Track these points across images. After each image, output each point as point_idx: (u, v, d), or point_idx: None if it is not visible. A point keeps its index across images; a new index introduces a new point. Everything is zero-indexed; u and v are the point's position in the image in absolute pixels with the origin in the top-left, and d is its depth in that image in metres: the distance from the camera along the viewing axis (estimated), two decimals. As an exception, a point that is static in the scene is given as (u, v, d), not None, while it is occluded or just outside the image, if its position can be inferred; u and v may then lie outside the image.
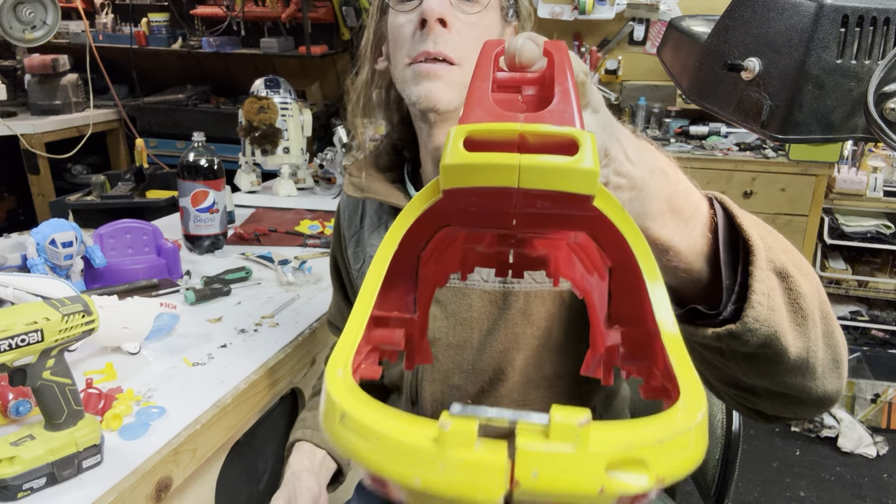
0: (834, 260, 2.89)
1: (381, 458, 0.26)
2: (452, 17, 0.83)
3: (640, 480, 0.25)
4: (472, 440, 0.25)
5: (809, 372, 0.58)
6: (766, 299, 0.51)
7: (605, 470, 0.24)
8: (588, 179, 0.32)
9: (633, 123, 3.15)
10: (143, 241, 1.42)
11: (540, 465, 0.24)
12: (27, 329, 0.75)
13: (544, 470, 0.24)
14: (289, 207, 2.00)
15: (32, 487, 0.78)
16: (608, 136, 0.45)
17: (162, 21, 3.57)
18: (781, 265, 0.53)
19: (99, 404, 0.93)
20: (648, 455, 0.25)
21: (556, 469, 0.24)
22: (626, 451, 0.25)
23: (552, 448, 0.24)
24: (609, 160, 0.45)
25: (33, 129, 2.99)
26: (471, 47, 0.84)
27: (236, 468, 1.19)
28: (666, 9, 3.12)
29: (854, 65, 0.49)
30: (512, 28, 0.93)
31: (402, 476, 0.25)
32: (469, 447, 0.25)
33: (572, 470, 0.24)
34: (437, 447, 0.25)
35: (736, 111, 0.55)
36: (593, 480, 0.24)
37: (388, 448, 0.25)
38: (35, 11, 2.18)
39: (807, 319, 0.55)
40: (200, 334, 1.18)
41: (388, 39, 0.89)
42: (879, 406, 2.75)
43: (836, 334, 0.59)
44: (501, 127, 0.33)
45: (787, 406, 0.63)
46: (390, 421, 0.26)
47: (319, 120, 3.03)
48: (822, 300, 0.58)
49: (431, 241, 0.40)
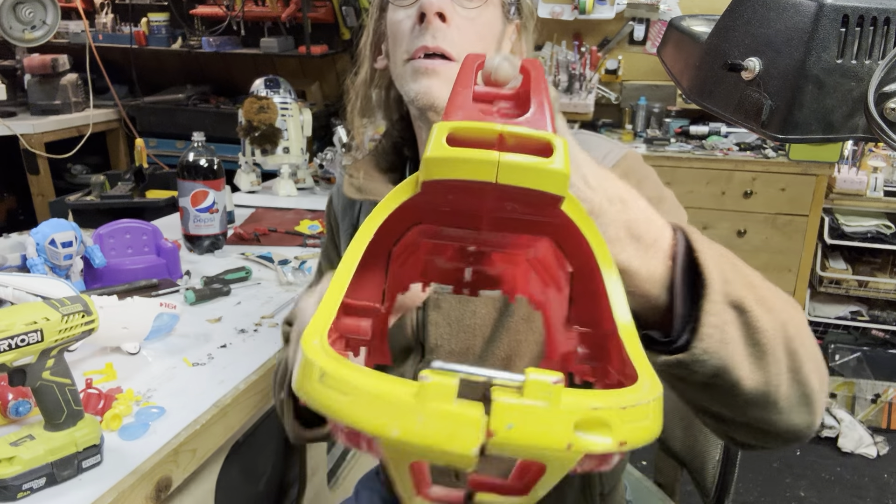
0: (834, 260, 2.89)
1: (361, 412, 0.26)
2: (452, 11, 0.82)
3: (604, 441, 0.26)
4: (451, 394, 0.26)
5: (771, 406, 0.58)
6: (717, 332, 0.52)
7: (574, 429, 0.26)
8: (560, 180, 0.34)
9: (633, 123, 3.15)
10: (143, 241, 1.42)
11: (514, 419, 0.25)
12: (27, 329, 0.75)
13: (518, 423, 0.25)
14: (289, 207, 2.00)
15: (32, 487, 0.78)
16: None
17: (162, 21, 3.56)
18: (739, 300, 0.53)
19: (99, 404, 0.92)
20: (613, 418, 0.27)
21: (529, 423, 0.25)
22: (593, 413, 0.26)
23: (526, 402, 0.26)
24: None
25: (33, 129, 2.99)
26: (470, 43, 0.83)
27: (236, 468, 1.19)
28: (666, 9, 3.12)
29: (854, 65, 0.49)
30: (514, 25, 0.92)
31: (380, 428, 0.26)
32: (448, 401, 0.26)
33: (544, 424, 0.26)
34: (417, 400, 0.26)
35: (736, 111, 0.55)
36: (563, 436, 0.26)
37: (368, 401, 0.26)
38: (35, 11, 2.18)
39: (766, 354, 0.55)
40: (200, 334, 1.18)
41: (388, 36, 0.88)
42: (880, 406, 2.75)
43: (806, 370, 0.58)
44: (482, 126, 0.35)
45: (755, 436, 0.63)
46: (370, 378, 0.27)
47: (319, 120, 3.03)
48: (790, 336, 0.57)
49: (403, 239, 0.41)
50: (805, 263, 2.77)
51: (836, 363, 2.79)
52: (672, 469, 1.28)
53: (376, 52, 0.94)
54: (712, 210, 2.80)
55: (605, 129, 3.19)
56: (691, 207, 2.79)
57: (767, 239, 2.79)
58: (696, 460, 1.15)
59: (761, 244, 2.80)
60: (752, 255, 2.82)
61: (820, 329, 2.90)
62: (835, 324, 2.88)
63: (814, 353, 0.60)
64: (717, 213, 2.80)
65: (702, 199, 2.79)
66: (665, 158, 2.79)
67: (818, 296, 2.91)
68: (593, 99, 3.03)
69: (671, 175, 2.76)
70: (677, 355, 0.53)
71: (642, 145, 2.94)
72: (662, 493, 1.27)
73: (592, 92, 3.06)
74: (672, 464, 1.27)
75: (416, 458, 0.27)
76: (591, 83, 3.06)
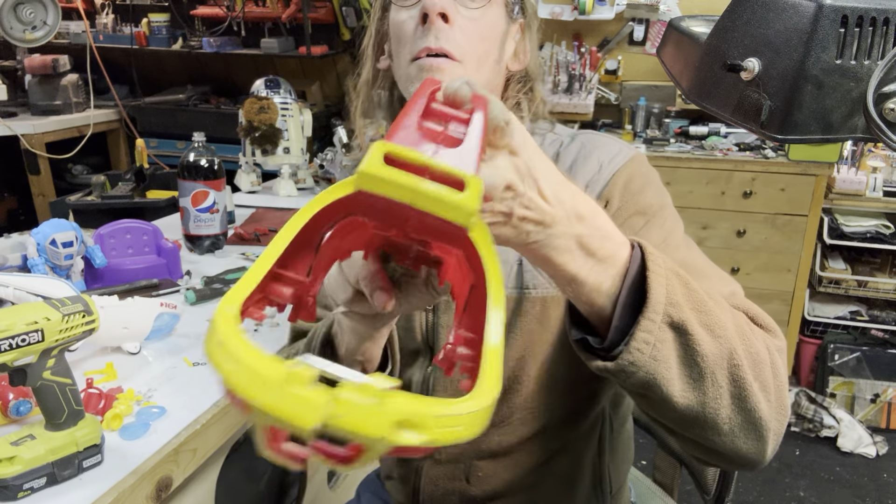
0: (833, 260, 2.89)
1: (240, 380, 0.34)
2: (455, 12, 0.81)
3: (413, 437, 0.34)
4: (307, 383, 0.33)
5: (710, 427, 0.61)
6: (647, 348, 0.55)
7: (392, 425, 0.34)
8: (465, 214, 0.41)
9: (633, 124, 3.15)
10: (144, 241, 1.42)
11: (346, 410, 0.33)
12: (27, 329, 0.75)
13: (348, 413, 0.33)
14: (289, 207, 2.00)
15: (33, 487, 0.78)
16: (520, 175, 0.50)
17: (162, 21, 3.57)
18: (681, 322, 0.56)
19: (99, 404, 0.93)
20: (427, 422, 0.34)
21: (356, 414, 0.33)
22: (409, 417, 0.34)
23: (359, 400, 0.33)
24: (516, 194, 0.50)
25: (34, 130, 2.99)
26: (473, 44, 0.82)
27: (236, 468, 1.19)
28: (666, 9, 3.12)
29: (853, 65, 0.49)
30: (517, 25, 0.91)
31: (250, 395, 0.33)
32: (304, 386, 0.33)
33: (367, 418, 0.33)
34: (282, 381, 0.33)
35: (735, 111, 0.55)
36: (379, 429, 0.33)
37: (247, 374, 0.34)
38: (35, 12, 2.18)
39: (704, 377, 0.58)
40: (201, 334, 1.18)
41: (391, 37, 0.88)
42: (879, 406, 2.75)
43: (754, 399, 0.61)
44: (413, 155, 0.42)
45: (704, 454, 0.66)
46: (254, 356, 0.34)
47: (319, 120, 3.03)
48: (735, 364, 0.59)
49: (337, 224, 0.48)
50: (804, 263, 2.78)
51: (835, 363, 2.79)
52: (671, 468, 1.28)
53: (379, 52, 0.94)
54: (712, 210, 2.80)
55: (605, 130, 3.20)
56: (691, 208, 2.79)
57: (767, 239, 2.79)
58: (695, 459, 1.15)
59: (761, 244, 2.80)
60: (752, 256, 2.82)
61: (819, 329, 2.90)
62: (834, 324, 2.88)
63: (770, 383, 0.63)
64: (716, 213, 2.80)
65: (701, 199, 2.79)
66: (665, 159, 2.79)
67: (817, 296, 2.91)
68: (593, 99, 3.03)
69: (671, 175, 2.77)
70: (607, 363, 0.57)
71: (642, 146, 2.94)
72: (662, 492, 1.27)
73: (592, 92, 3.06)
74: (672, 462, 1.27)
75: (271, 424, 0.35)
76: (590, 84, 3.06)
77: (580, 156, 0.87)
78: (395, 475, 1.02)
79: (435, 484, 0.96)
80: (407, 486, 0.99)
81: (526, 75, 0.94)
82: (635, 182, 0.84)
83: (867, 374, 2.76)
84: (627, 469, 1.06)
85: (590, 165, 0.86)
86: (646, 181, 0.84)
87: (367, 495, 1.16)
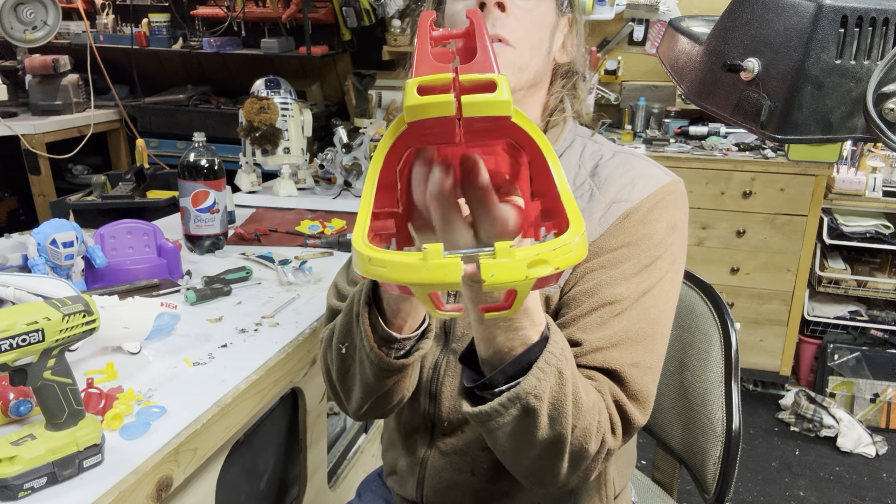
0: (833, 260, 2.89)
1: (395, 273, 0.47)
2: (511, 2, 0.86)
3: (546, 269, 0.47)
4: (440, 253, 0.46)
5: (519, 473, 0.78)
6: (492, 411, 0.67)
7: (528, 267, 0.46)
8: (505, 106, 0.48)
9: (633, 124, 3.15)
10: (144, 241, 1.42)
11: (493, 269, 0.46)
12: (28, 329, 0.75)
13: (496, 271, 0.46)
14: (289, 207, 2.00)
15: (33, 487, 0.78)
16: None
17: (162, 21, 3.57)
18: (533, 407, 0.66)
19: (100, 404, 0.93)
20: (549, 256, 0.47)
21: (502, 270, 0.46)
22: (536, 256, 0.46)
23: (498, 260, 0.46)
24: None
25: (34, 130, 2.99)
26: (527, 31, 0.87)
27: (236, 468, 1.19)
28: (666, 9, 3.12)
29: (853, 65, 0.49)
30: (566, 19, 0.95)
31: (408, 278, 0.46)
32: (438, 257, 0.46)
33: (510, 269, 0.46)
34: (422, 261, 0.46)
35: (735, 111, 0.55)
36: (521, 272, 0.46)
37: (397, 267, 0.47)
38: (36, 12, 2.18)
39: (529, 447, 0.71)
40: (201, 334, 1.18)
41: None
42: (879, 406, 2.75)
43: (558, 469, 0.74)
44: (440, 77, 0.48)
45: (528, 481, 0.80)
46: (395, 255, 0.47)
47: (320, 120, 3.03)
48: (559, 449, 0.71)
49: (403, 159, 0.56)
50: (804, 263, 2.78)
51: (835, 363, 2.79)
52: (671, 467, 1.28)
53: None
54: (711, 210, 2.80)
55: (605, 130, 3.20)
56: (691, 208, 2.78)
57: (766, 239, 2.79)
58: (695, 458, 1.15)
59: (760, 244, 2.80)
60: (752, 256, 2.82)
61: (819, 329, 2.90)
62: (834, 324, 2.88)
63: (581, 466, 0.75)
64: (716, 213, 2.80)
65: (701, 199, 2.79)
66: (664, 159, 2.79)
67: (817, 296, 2.91)
68: (593, 99, 3.03)
69: (671, 175, 2.76)
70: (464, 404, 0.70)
71: (641, 146, 2.94)
72: (662, 492, 1.27)
73: (592, 92, 3.06)
74: (671, 462, 1.27)
75: (430, 290, 0.47)
76: (590, 84, 3.06)
77: (617, 172, 0.90)
78: (399, 469, 1.02)
79: (439, 476, 0.96)
80: (412, 479, 0.99)
81: (571, 69, 0.98)
82: (656, 209, 0.88)
83: (867, 374, 2.76)
84: (629, 473, 1.06)
85: (624, 180, 0.89)
86: (666, 215, 0.87)
87: (368, 495, 1.16)
